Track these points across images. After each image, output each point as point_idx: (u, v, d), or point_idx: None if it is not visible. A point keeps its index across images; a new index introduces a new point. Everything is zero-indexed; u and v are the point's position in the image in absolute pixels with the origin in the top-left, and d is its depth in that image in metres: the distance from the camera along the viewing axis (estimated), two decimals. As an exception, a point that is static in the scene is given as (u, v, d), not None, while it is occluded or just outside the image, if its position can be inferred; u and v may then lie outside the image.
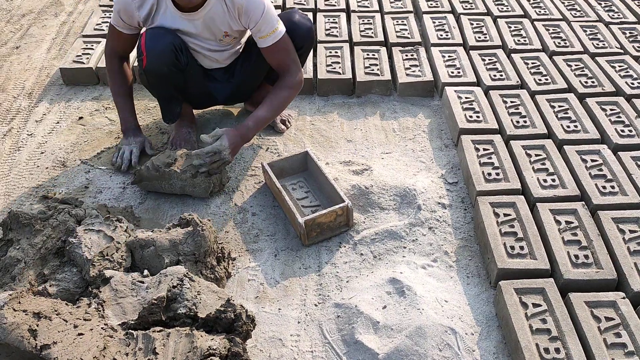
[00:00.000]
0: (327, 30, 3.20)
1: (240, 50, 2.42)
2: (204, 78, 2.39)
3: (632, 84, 2.68)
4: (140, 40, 2.19)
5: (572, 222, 1.97)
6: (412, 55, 2.99)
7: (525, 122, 2.47)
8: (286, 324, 1.77)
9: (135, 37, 2.27)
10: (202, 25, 2.17)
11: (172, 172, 2.12)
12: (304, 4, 3.45)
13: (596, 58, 2.89)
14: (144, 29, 2.23)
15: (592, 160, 2.25)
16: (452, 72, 2.83)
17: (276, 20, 2.18)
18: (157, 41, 2.14)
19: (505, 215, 2.01)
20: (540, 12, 3.36)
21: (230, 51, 2.36)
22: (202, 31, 2.20)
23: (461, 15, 3.29)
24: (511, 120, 2.49)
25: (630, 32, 3.14)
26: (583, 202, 2.06)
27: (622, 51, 2.99)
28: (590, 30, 3.16)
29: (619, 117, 2.47)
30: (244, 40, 2.41)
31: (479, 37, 3.10)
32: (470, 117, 2.50)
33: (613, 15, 3.33)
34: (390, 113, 2.73)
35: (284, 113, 2.63)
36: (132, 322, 1.55)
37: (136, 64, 2.88)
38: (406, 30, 3.21)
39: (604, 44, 3.03)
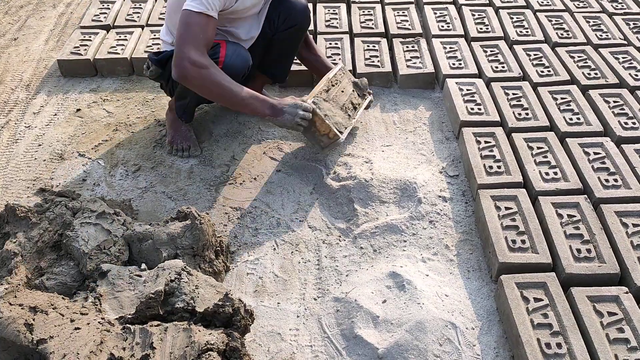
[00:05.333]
0: (327, 21, 3.17)
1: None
2: None
3: (636, 75, 2.66)
4: (219, 48, 2.08)
5: (575, 216, 1.95)
6: (413, 46, 2.96)
7: (527, 114, 2.45)
8: (285, 318, 1.76)
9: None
10: None
11: None
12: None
13: (599, 49, 2.86)
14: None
15: (595, 153, 2.22)
16: (454, 64, 2.80)
17: None
18: (237, 58, 2.09)
19: (506, 208, 1.99)
20: (542, 2, 3.32)
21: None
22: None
23: (462, 6, 3.25)
24: (513, 112, 2.46)
25: (634, 23, 3.11)
26: (585, 196, 2.04)
27: (625, 42, 2.95)
28: (594, 21, 3.12)
29: (622, 109, 2.45)
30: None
31: (481, 28, 3.07)
32: (472, 109, 2.48)
33: (616, 6, 3.30)
34: (390, 105, 2.71)
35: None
36: (130, 316, 1.53)
37: (135, 55, 2.88)
38: (407, 21, 3.18)
39: (607, 35, 3.00)
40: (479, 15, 3.19)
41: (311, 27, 2.76)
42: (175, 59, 1.95)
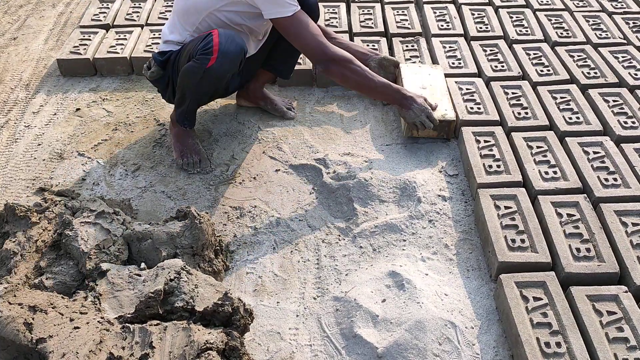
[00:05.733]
0: (326, 20, 3.17)
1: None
2: None
3: (636, 74, 2.65)
4: (211, 37, 2.03)
5: (574, 215, 1.95)
6: (412, 46, 2.96)
7: (526, 113, 2.45)
8: (285, 318, 1.76)
9: None
10: None
11: None
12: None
13: (599, 49, 2.86)
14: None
15: (595, 152, 2.22)
16: (453, 63, 2.80)
17: None
18: (232, 44, 2.03)
19: (506, 207, 1.99)
20: (542, 1, 3.32)
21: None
22: None
23: (462, 6, 3.25)
24: (512, 111, 2.46)
25: (633, 22, 3.10)
26: (585, 195, 2.03)
27: (625, 42, 2.95)
28: (593, 21, 3.12)
29: (622, 108, 2.45)
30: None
31: (480, 28, 3.07)
32: (471, 108, 2.48)
33: (616, 5, 3.30)
34: (390, 104, 2.70)
35: (285, 100, 2.63)
36: (129, 315, 1.53)
37: (135, 54, 2.88)
38: (407, 20, 3.17)
39: (606, 35, 3.00)
40: (478, 14, 3.19)
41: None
42: (318, 57, 2.18)
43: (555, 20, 3.13)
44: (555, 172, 2.14)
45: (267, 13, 2.06)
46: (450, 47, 2.92)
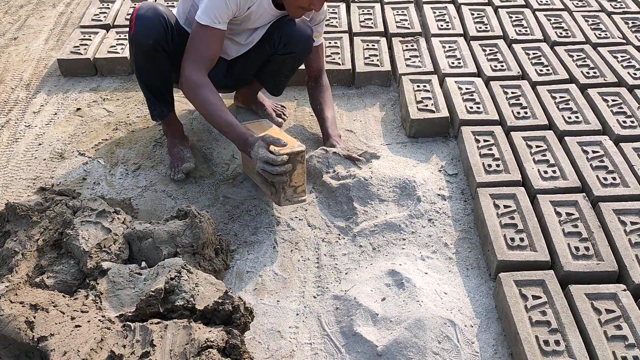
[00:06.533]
0: (326, 20, 3.17)
1: None
2: None
3: (635, 74, 2.66)
4: (133, 12, 2.06)
5: (573, 214, 1.96)
6: (412, 45, 2.97)
7: (526, 113, 2.46)
8: (285, 316, 1.77)
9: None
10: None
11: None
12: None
13: (598, 48, 2.87)
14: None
15: (594, 152, 2.23)
16: (453, 63, 2.81)
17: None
18: (148, 11, 2.03)
19: (505, 206, 2.00)
20: (541, 1, 3.33)
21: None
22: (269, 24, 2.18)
23: (462, 5, 3.26)
24: (512, 111, 2.47)
25: (632, 22, 3.11)
26: (584, 194, 2.04)
27: (624, 41, 2.96)
28: (592, 20, 3.13)
29: (621, 107, 2.45)
30: None
31: (480, 28, 3.08)
32: (471, 108, 2.49)
33: (615, 5, 3.30)
34: (390, 104, 2.71)
35: (277, 106, 2.62)
36: (130, 314, 1.54)
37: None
38: (406, 20, 3.18)
39: (606, 34, 3.01)
40: (478, 14, 3.20)
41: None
42: (182, 73, 2.00)
43: (555, 20, 3.14)
44: (554, 172, 2.15)
45: (196, 15, 1.99)
46: (449, 46, 2.93)
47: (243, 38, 2.21)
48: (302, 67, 2.74)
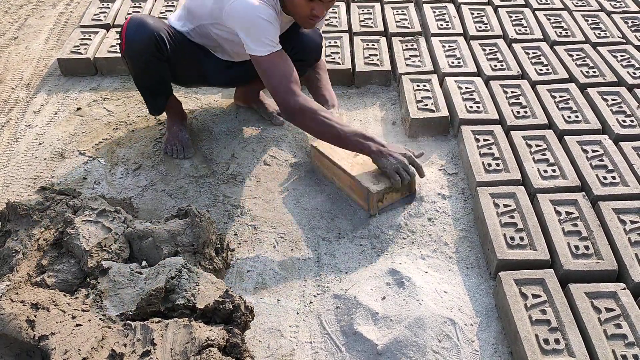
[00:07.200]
0: (326, 20, 3.18)
1: None
2: (199, 62, 2.30)
3: (634, 73, 2.67)
4: (123, 26, 2.09)
5: (573, 213, 1.96)
6: (412, 45, 2.97)
7: (525, 112, 2.46)
8: (285, 315, 1.77)
9: None
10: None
11: None
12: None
13: (598, 48, 2.87)
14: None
15: (593, 151, 2.23)
16: (453, 62, 2.81)
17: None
18: (137, 31, 2.05)
19: (505, 206, 2.00)
20: (541, 1, 3.33)
21: None
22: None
23: (461, 5, 3.26)
24: (512, 110, 2.47)
25: (632, 22, 3.12)
26: (584, 193, 2.04)
27: (624, 41, 2.96)
28: (592, 20, 3.13)
29: (621, 107, 2.46)
30: None
31: (480, 27, 3.08)
32: (471, 107, 2.49)
33: (615, 4, 3.31)
34: (390, 104, 2.72)
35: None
36: (131, 313, 1.54)
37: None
38: (406, 20, 3.18)
39: (605, 34, 3.01)
40: (477, 14, 3.20)
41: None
42: (282, 106, 2.04)
43: (554, 19, 3.14)
44: (554, 171, 2.15)
45: (247, 48, 2.02)
46: (449, 46, 2.93)
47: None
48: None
